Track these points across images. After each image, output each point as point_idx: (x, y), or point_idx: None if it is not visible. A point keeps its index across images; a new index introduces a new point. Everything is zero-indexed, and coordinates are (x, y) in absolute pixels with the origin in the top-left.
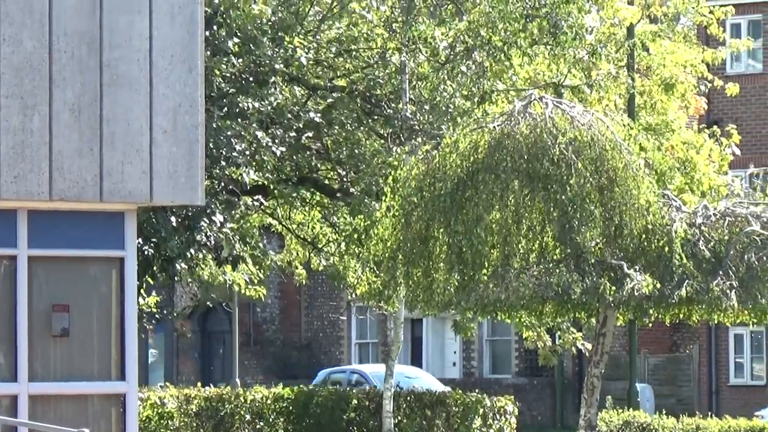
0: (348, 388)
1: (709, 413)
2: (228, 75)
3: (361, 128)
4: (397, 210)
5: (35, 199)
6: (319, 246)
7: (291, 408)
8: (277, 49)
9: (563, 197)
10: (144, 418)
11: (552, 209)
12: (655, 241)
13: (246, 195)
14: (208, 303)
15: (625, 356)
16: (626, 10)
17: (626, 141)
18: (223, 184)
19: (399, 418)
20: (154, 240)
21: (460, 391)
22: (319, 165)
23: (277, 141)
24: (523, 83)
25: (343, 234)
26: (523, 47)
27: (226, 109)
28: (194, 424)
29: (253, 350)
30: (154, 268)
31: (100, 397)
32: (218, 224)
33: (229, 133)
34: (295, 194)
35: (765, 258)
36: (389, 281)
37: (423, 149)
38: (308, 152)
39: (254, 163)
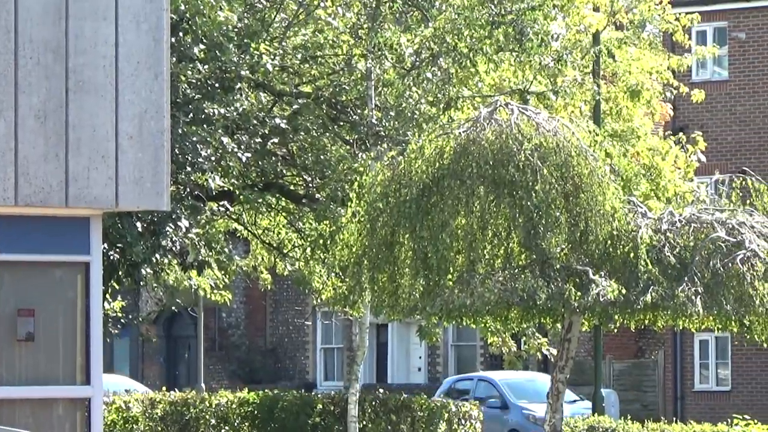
0: (473, 399)
1: (674, 418)
2: (194, 81)
3: (327, 134)
4: (363, 216)
5: (0, 204)
6: (285, 251)
7: (256, 412)
8: (242, 56)
9: (529, 203)
10: (109, 423)
11: (517, 215)
12: (621, 247)
13: (211, 200)
14: (173, 308)
15: (590, 361)
16: (592, 17)
17: (592, 147)
18: (188, 189)
19: (364, 422)
20: (119, 245)
21: (425, 396)
22: (284, 171)
23: (242, 147)
24: (488, 90)
25: (309, 239)
26: (488, 54)
27: (191, 115)
28: (159, 429)
29: (218, 355)
30: (120, 273)
31: (65, 401)
32: (184, 229)
33: (194, 138)
34: (260, 200)
35: (730, 264)
36: (354, 286)
37: (388, 155)
38: (274, 158)
39: (220, 169)
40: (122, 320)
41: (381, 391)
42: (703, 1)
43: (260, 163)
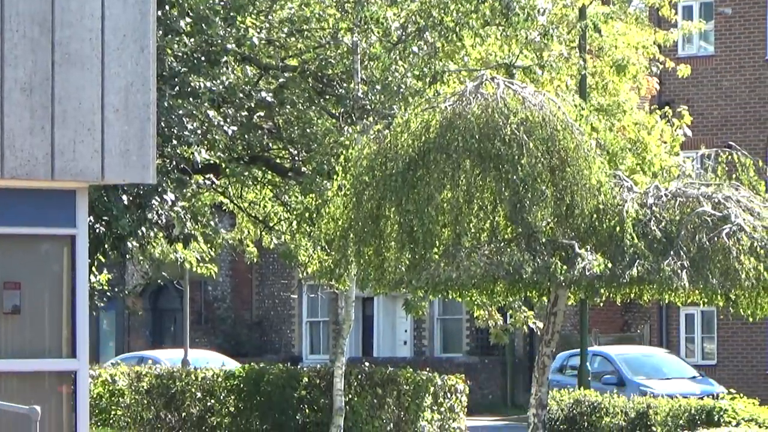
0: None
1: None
2: (180, 54)
3: (313, 108)
4: (349, 189)
5: None
6: (271, 224)
7: (242, 386)
8: (229, 29)
9: (515, 177)
10: (95, 395)
11: (503, 189)
12: (607, 221)
13: (197, 174)
14: (159, 281)
15: (576, 335)
16: None
17: (578, 121)
18: (174, 162)
19: (350, 396)
20: (105, 218)
21: (411, 370)
22: (270, 144)
23: (228, 120)
24: (474, 64)
25: (295, 213)
26: (475, 28)
27: (177, 88)
28: (145, 401)
29: (204, 328)
30: (106, 246)
31: (51, 374)
32: (170, 203)
33: (180, 112)
34: (246, 173)
35: (716, 238)
36: (340, 260)
37: (375, 129)
38: (260, 131)
39: (206, 142)
40: (108, 293)
41: (367, 364)
42: None
43: (246, 136)
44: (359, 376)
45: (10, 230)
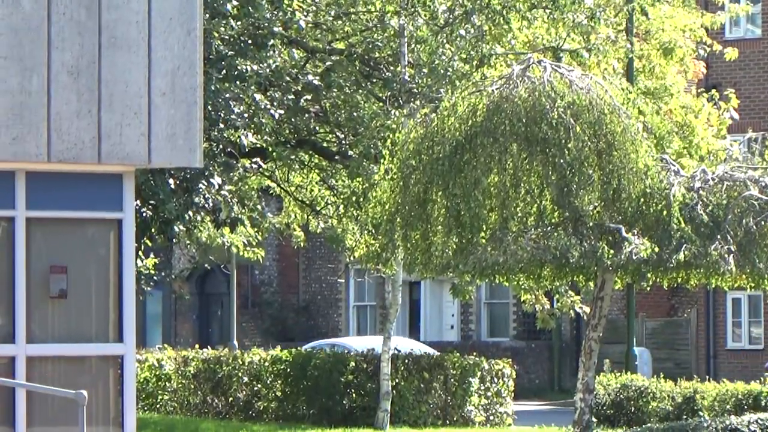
0: None
1: (707, 377)
2: (226, 37)
3: (360, 91)
4: (396, 173)
5: (33, 160)
6: (318, 208)
7: (288, 370)
8: (275, 12)
9: (561, 161)
10: (142, 380)
11: (550, 173)
12: (654, 205)
13: (244, 157)
14: (206, 265)
15: (623, 320)
16: None
17: (624, 105)
18: (221, 146)
19: (397, 380)
20: (152, 202)
21: (458, 354)
22: (317, 128)
23: (275, 104)
24: (521, 47)
25: (342, 196)
26: (522, 11)
27: (224, 71)
28: (192, 386)
29: (251, 312)
30: (152, 230)
31: (98, 358)
32: (216, 186)
33: (227, 95)
34: (293, 157)
35: (763, 222)
36: (387, 244)
37: (421, 112)
38: (306, 115)
39: (252, 126)
40: (155, 277)
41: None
42: None
43: (293, 119)
44: (406, 361)
45: (56, 214)
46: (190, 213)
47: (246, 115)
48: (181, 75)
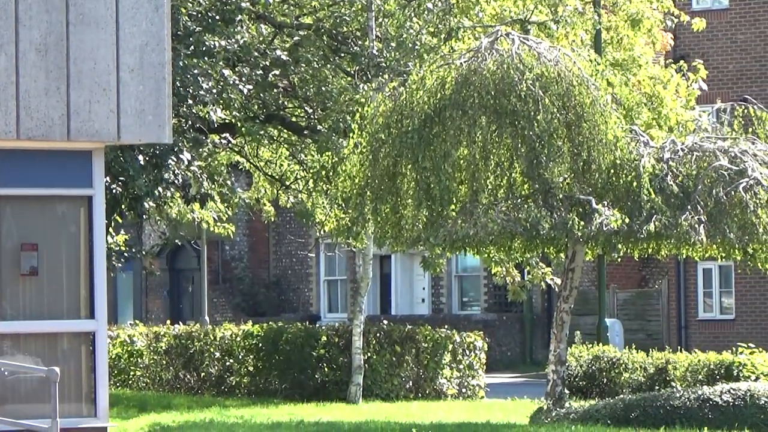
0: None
1: (679, 347)
2: (194, 13)
3: (328, 66)
4: (365, 147)
5: (2, 138)
6: (287, 183)
7: (260, 345)
8: None
9: (531, 133)
10: (113, 356)
11: (520, 145)
12: (624, 176)
13: (213, 133)
14: (176, 241)
15: (594, 291)
16: None
17: (593, 77)
18: (190, 122)
19: (369, 354)
20: (121, 178)
21: (430, 328)
22: (286, 103)
23: (243, 79)
24: (489, 20)
25: (311, 171)
26: None
27: (192, 47)
28: (164, 362)
29: (221, 288)
30: (123, 206)
31: (70, 335)
32: (186, 162)
33: (195, 71)
34: (262, 132)
35: (733, 193)
36: (357, 218)
37: (390, 86)
38: (275, 90)
39: (221, 101)
40: (125, 254)
41: (385, 322)
42: None
43: (262, 95)
44: (378, 334)
45: (26, 191)
46: (160, 189)
47: (214, 90)
48: (149, 51)
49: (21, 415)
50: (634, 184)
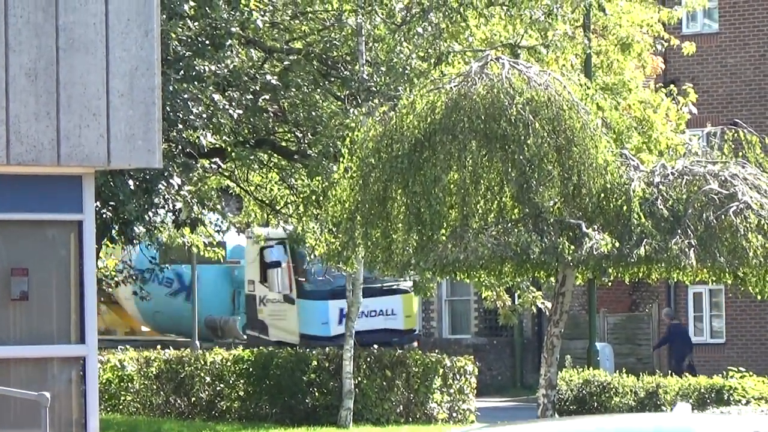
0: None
1: (669, 372)
2: (184, 38)
3: (318, 90)
4: (355, 171)
5: None
6: (278, 208)
7: (251, 370)
8: (233, 12)
9: (521, 157)
10: (104, 381)
11: (510, 169)
12: (614, 200)
13: (203, 158)
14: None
15: (584, 315)
16: None
17: (583, 101)
18: (180, 147)
19: (359, 378)
20: (112, 203)
21: (420, 352)
22: (276, 127)
23: (234, 104)
24: (479, 44)
25: (301, 196)
26: (479, 8)
27: (182, 72)
28: (154, 387)
29: None
30: (113, 231)
31: (60, 360)
32: (176, 187)
33: (185, 96)
34: (252, 156)
35: (723, 216)
36: (348, 242)
37: (380, 111)
38: (265, 114)
39: (211, 126)
40: (116, 278)
41: (376, 347)
42: None
43: (252, 119)
44: (368, 359)
45: (16, 216)
46: (150, 214)
47: (205, 115)
48: (139, 76)
49: None
50: (625, 208)
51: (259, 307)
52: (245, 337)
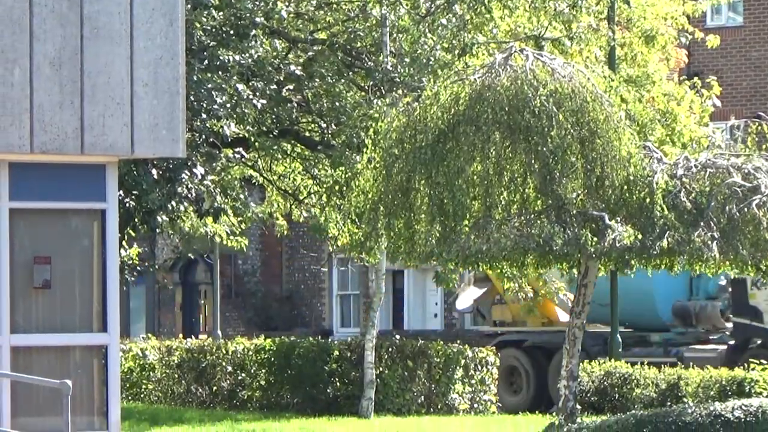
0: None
1: (691, 363)
2: (208, 28)
3: (342, 81)
4: (378, 162)
5: (16, 151)
6: (300, 198)
7: (273, 359)
8: (257, 2)
9: (544, 149)
10: (126, 370)
11: (533, 161)
12: (637, 192)
13: (227, 147)
14: (189, 255)
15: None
16: None
17: (607, 93)
18: (204, 136)
19: (381, 368)
20: (135, 192)
21: (442, 343)
22: (300, 117)
23: (257, 94)
24: (503, 36)
25: (324, 186)
26: (503, 0)
27: (206, 61)
28: (176, 376)
29: (234, 302)
30: (136, 220)
31: (82, 348)
32: (199, 176)
33: (209, 85)
34: (276, 146)
35: (746, 209)
36: (370, 233)
37: (404, 101)
38: (289, 105)
39: (235, 116)
40: (138, 267)
41: (397, 337)
42: None
43: (275, 109)
44: (390, 349)
45: (40, 205)
46: (173, 203)
47: (228, 105)
48: (163, 65)
49: (33, 428)
50: (647, 200)
51: (751, 291)
52: (729, 324)
